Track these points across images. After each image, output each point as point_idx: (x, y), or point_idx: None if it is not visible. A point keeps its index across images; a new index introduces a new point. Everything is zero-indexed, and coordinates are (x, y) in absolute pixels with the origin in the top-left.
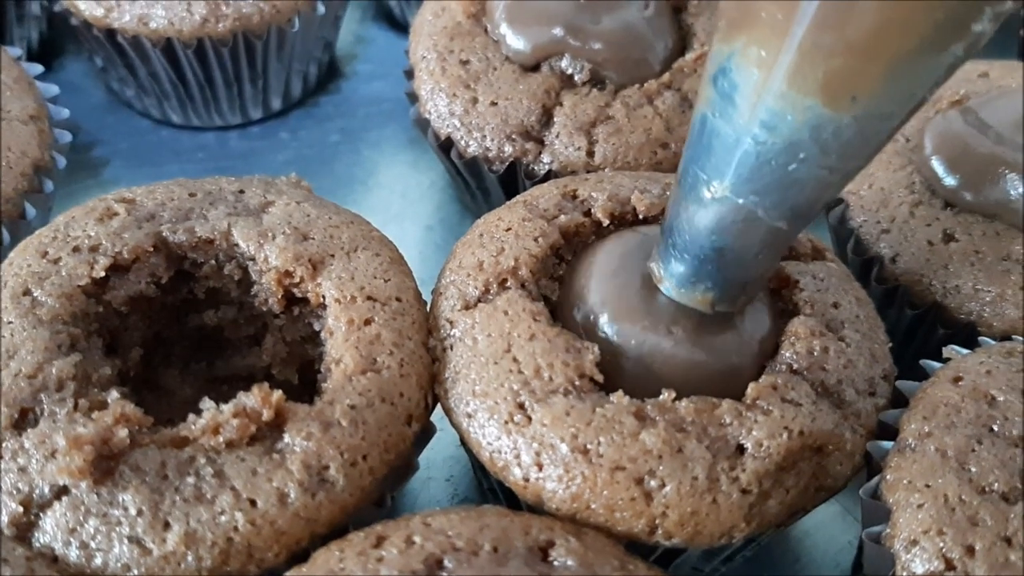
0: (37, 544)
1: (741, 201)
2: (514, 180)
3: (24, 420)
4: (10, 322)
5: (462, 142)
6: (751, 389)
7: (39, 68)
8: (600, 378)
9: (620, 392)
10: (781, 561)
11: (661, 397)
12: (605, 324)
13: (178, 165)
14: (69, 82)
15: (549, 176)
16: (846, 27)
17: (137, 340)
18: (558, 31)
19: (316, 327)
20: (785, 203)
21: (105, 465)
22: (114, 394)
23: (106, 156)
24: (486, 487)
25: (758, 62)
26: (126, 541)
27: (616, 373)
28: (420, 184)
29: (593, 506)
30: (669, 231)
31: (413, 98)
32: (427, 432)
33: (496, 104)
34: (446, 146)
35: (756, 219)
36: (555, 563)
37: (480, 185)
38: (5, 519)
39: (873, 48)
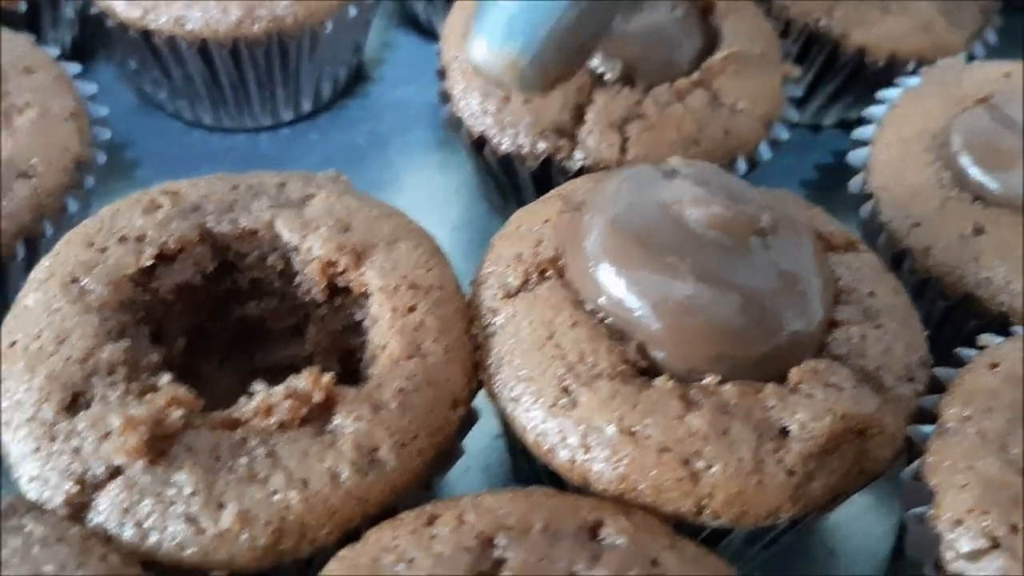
0: (91, 524)
1: None
2: (546, 177)
3: (76, 403)
4: (59, 308)
5: (495, 139)
6: (793, 374)
7: (77, 67)
8: (643, 364)
9: (665, 376)
10: (816, 552)
11: (705, 381)
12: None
13: (209, 167)
14: (101, 85)
15: (582, 172)
16: None
17: (181, 330)
18: None
19: (357, 317)
20: None
21: (159, 446)
22: (165, 377)
23: (137, 157)
24: (527, 474)
25: None
26: (181, 520)
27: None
28: (447, 186)
29: (640, 487)
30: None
31: (445, 97)
32: (471, 418)
33: (529, 102)
34: (479, 144)
35: None
36: (605, 541)
37: (512, 182)
38: (60, 499)
39: None
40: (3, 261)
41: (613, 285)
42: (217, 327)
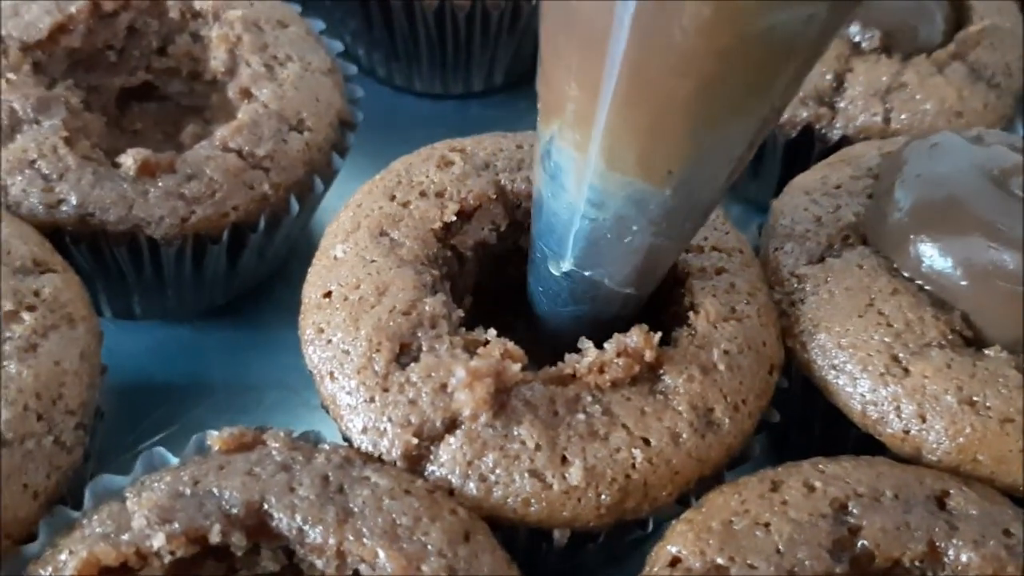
0: (431, 476)
1: (588, 273)
2: (800, 146)
3: (404, 354)
4: (374, 260)
5: None
6: None
7: (321, 24)
8: (970, 334)
9: (997, 347)
10: None
11: None
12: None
13: (424, 131)
14: None
15: (843, 142)
16: (645, 106)
17: (469, 287)
18: None
19: None
20: (628, 272)
21: (499, 399)
22: (492, 331)
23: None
24: (806, 447)
25: (574, 144)
26: (526, 475)
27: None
28: None
29: (980, 458)
30: (531, 301)
31: None
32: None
33: None
34: None
35: (605, 288)
36: (954, 512)
37: (757, 153)
38: (398, 451)
39: (676, 124)
40: (278, 214)
41: (934, 254)
42: (493, 287)
